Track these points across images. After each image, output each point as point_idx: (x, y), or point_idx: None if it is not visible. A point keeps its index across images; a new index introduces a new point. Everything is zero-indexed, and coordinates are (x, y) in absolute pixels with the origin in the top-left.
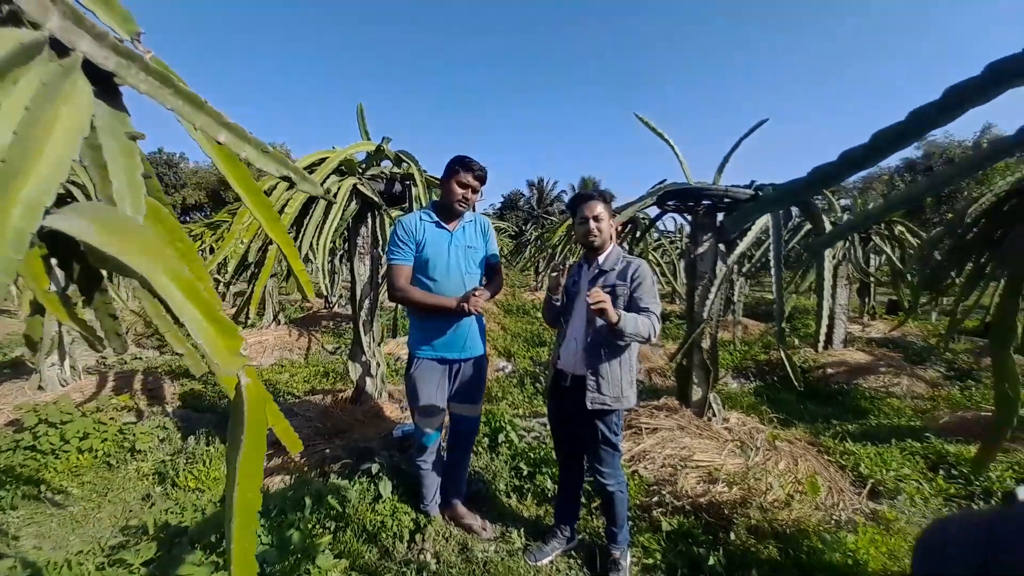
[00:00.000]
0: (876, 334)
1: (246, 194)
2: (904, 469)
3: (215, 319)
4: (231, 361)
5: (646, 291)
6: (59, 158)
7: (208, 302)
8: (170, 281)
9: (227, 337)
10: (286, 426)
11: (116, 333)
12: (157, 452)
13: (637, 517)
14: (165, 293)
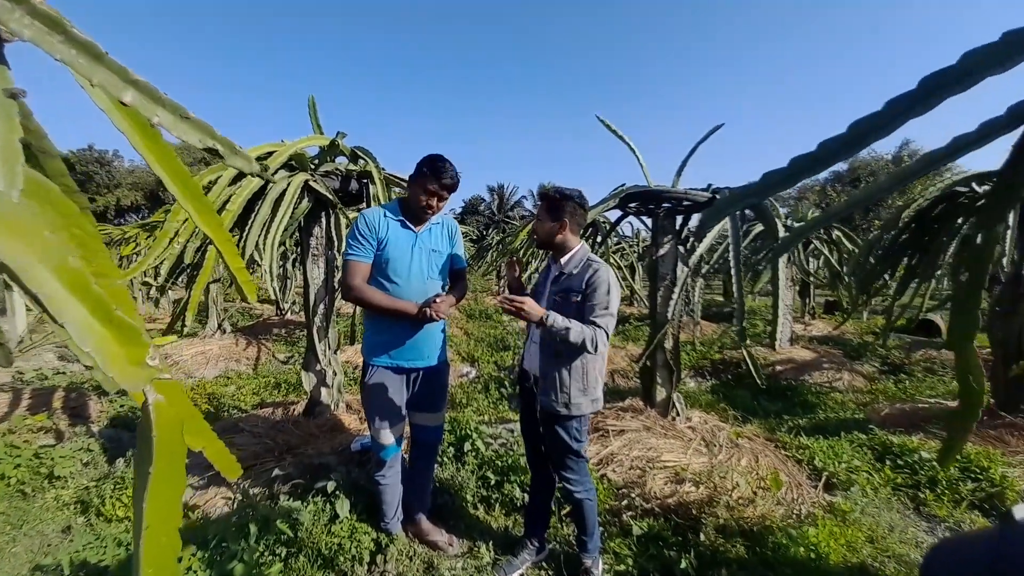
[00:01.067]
0: (817, 332)
1: (173, 180)
2: (855, 461)
3: (112, 321)
4: (133, 375)
5: (598, 301)
6: None
7: (101, 300)
8: (49, 272)
9: (128, 344)
10: (220, 448)
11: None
12: (80, 478)
13: (607, 522)
14: (39, 287)
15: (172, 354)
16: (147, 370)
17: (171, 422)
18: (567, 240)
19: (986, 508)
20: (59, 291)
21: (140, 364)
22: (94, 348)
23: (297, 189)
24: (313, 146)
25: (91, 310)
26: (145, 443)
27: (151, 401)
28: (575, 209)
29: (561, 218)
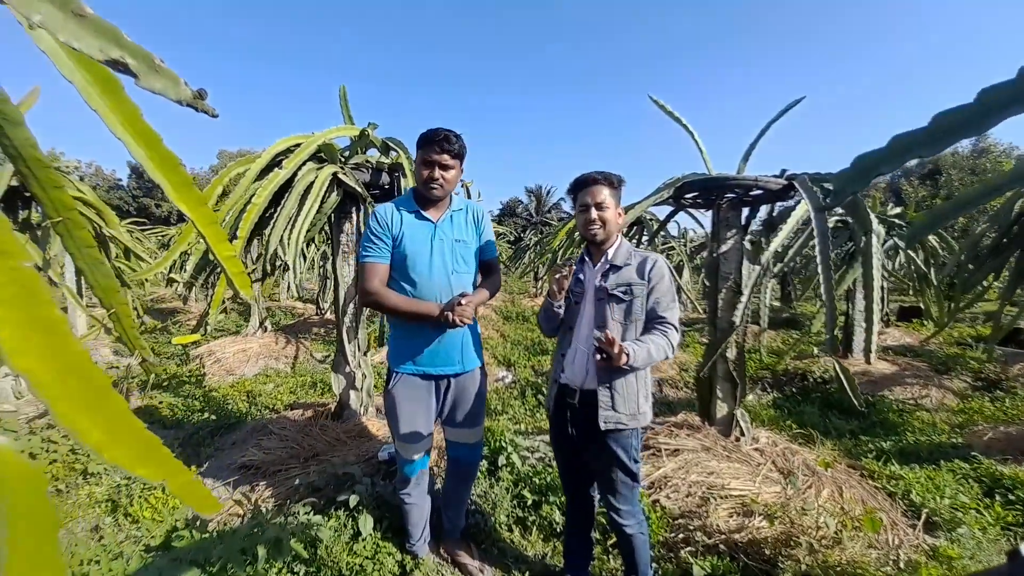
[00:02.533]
0: (892, 342)
1: (140, 145)
2: (960, 495)
3: None
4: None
5: (664, 293)
6: None
7: None
8: None
9: None
10: (186, 480)
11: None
12: (113, 475)
13: (661, 557)
14: None
15: (215, 351)
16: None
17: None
18: (616, 230)
19: None
20: None
21: None
22: None
23: (325, 182)
24: (343, 137)
25: None
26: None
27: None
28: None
29: (620, 205)
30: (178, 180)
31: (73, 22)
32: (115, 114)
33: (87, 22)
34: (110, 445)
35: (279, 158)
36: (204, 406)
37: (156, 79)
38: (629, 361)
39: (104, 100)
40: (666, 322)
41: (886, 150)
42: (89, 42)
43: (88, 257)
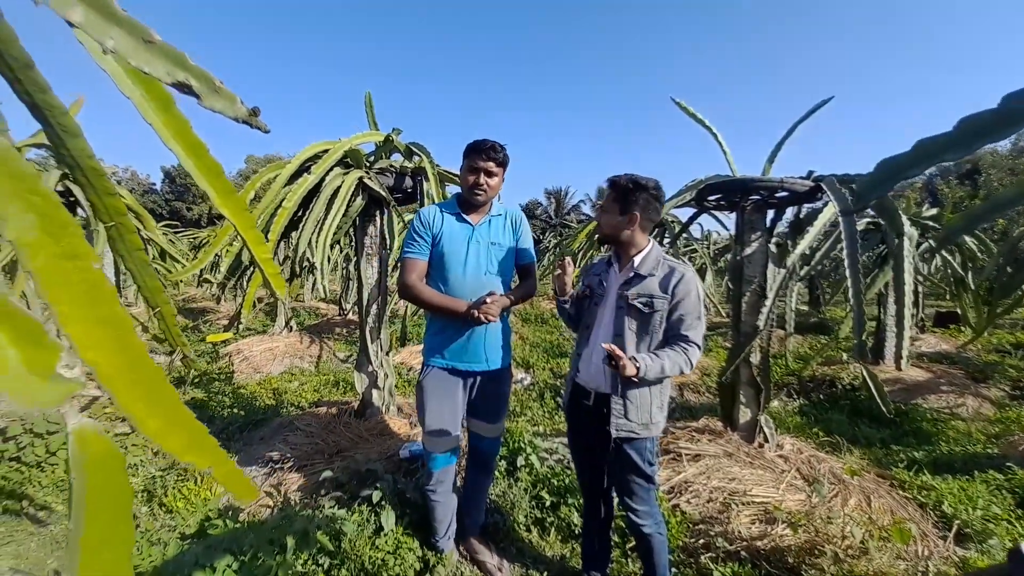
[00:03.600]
0: (928, 348)
1: (188, 154)
2: (992, 507)
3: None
4: (35, 390)
5: (689, 310)
6: None
7: None
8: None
9: (31, 346)
10: (230, 469)
11: None
12: (149, 466)
13: (681, 562)
14: None
15: (243, 350)
16: (60, 385)
17: (106, 457)
18: (635, 237)
19: None
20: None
21: (46, 375)
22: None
23: (351, 187)
24: (368, 143)
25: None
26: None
27: (71, 429)
28: (648, 202)
29: (631, 210)
30: (222, 187)
31: (144, 48)
32: (168, 128)
33: (156, 48)
34: (165, 433)
35: (307, 163)
36: (233, 402)
37: (216, 99)
38: (639, 375)
39: (158, 115)
40: (688, 340)
41: (910, 154)
42: (158, 66)
43: (137, 259)
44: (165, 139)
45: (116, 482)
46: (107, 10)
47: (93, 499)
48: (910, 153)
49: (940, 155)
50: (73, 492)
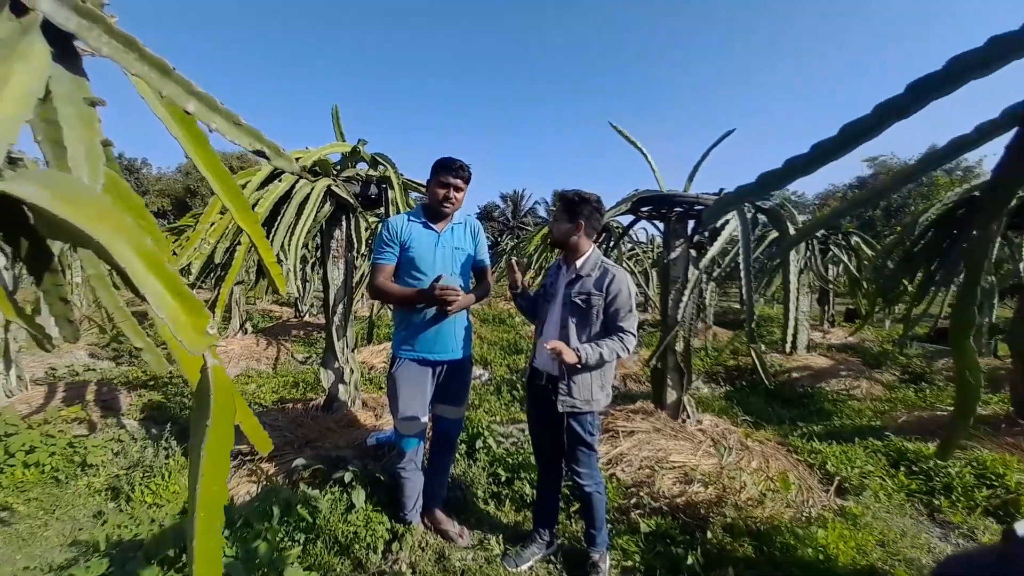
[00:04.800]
0: (835, 340)
1: (216, 180)
2: (868, 466)
3: (180, 294)
4: (197, 340)
5: (622, 305)
6: (10, 118)
7: (173, 276)
8: (132, 252)
9: (194, 314)
10: (255, 423)
11: (67, 319)
12: (110, 466)
13: (616, 520)
14: (126, 264)
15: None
16: (208, 337)
17: (226, 385)
18: (581, 242)
19: (1000, 515)
20: (140, 267)
21: (203, 332)
22: (168, 315)
23: (320, 193)
24: (336, 152)
25: (164, 284)
26: (203, 402)
27: (209, 365)
28: (592, 213)
29: (578, 220)
30: (241, 205)
31: (235, 129)
32: (202, 160)
33: (243, 128)
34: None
35: (277, 171)
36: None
37: (280, 160)
38: (582, 362)
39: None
40: (624, 330)
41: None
42: (244, 140)
43: None
44: (201, 169)
45: (230, 398)
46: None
47: (218, 408)
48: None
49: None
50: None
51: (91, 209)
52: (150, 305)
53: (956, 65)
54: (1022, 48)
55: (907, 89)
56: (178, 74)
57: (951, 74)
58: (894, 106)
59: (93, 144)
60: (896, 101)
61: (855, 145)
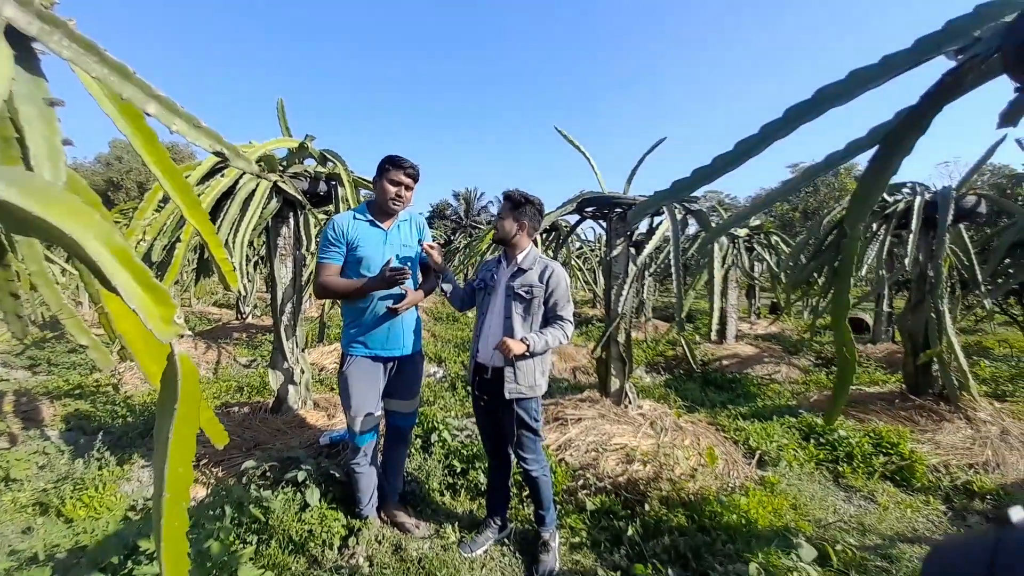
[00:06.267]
0: (761, 331)
1: (165, 176)
2: (783, 440)
3: (149, 286)
4: (166, 329)
5: (560, 296)
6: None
7: (142, 269)
8: (102, 246)
9: (162, 305)
10: (210, 415)
11: (16, 315)
12: (36, 480)
13: (564, 501)
14: (98, 258)
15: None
16: (175, 327)
17: (192, 371)
18: (522, 240)
19: (896, 479)
20: (110, 261)
21: (170, 322)
22: (138, 306)
23: (266, 190)
24: (282, 148)
25: (134, 277)
26: (170, 387)
27: (176, 352)
28: (534, 214)
29: (521, 219)
30: (191, 200)
31: (195, 131)
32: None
33: (202, 130)
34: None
35: (219, 166)
36: (127, 411)
37: (240, 161)
38: (529, 349)
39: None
40: (563, 319)
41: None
42: (204, 141)
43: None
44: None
45: (195, 383)
46: (171, 106)
47: (185, 392)
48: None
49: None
50: (171, 388)
51: (61, 206)
52: (122, 296)
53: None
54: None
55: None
56: (138, 77)
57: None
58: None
59: (54, 142)
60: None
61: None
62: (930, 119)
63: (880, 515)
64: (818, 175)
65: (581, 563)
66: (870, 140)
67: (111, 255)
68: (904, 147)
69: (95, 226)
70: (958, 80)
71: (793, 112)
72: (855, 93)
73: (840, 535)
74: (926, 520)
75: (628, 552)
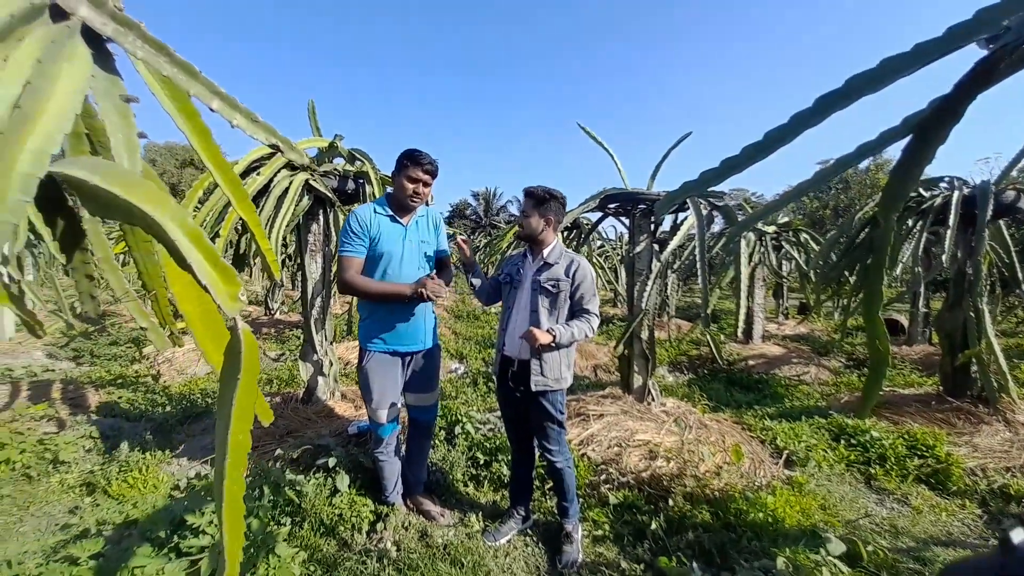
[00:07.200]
0: (789, 332)
1: (218, 171)
2: (812, 440)
3: (218, 265)
4: (232, 305)
5: (587, 290)
6: (63, 111)
7: (211, 249)
8: (177, 228)
9: (229, 283)
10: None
11: (91, 295)
12: (83, 463)
13: (587, 495)
14: (173, 237)
15: (164, 352)
16: (239, 303)
17: (253, 344)
18: (548, 235)
19: (932, 482)
20: (185, 241)
21: (235, 298)
22: (209, 282)
23: (299, 187)
24: (312, 147)
25: (205, 256)
26: (234, 358)
27: (240, 327)
28: (559, 208)
29: (547, 214)
30: (240, 194)
31: (253, 125)
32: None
33: (259, 124)
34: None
35: (255, 165)
36: (165, 400)
37: (292, 153)
38: (555, 340)
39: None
40: (589, 312)
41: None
42: (261, 134)
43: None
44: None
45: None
46: (232, 103)
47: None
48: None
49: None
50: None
51: (143, 191)
52: (195, 273)
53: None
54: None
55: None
56: (203, 76)
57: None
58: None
59: (131, 136)
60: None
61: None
62: (964, 107)
63: (913, 518)
64: (849, 165)
65: (604, 555)
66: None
67: (185, 236)
68: (938, 135)
69: (172, 209)
70: (990, 69)
71: (824, 101)
72: (887, 81)
73: (871, 536)
74: (961, 524)
75: (651, 546)
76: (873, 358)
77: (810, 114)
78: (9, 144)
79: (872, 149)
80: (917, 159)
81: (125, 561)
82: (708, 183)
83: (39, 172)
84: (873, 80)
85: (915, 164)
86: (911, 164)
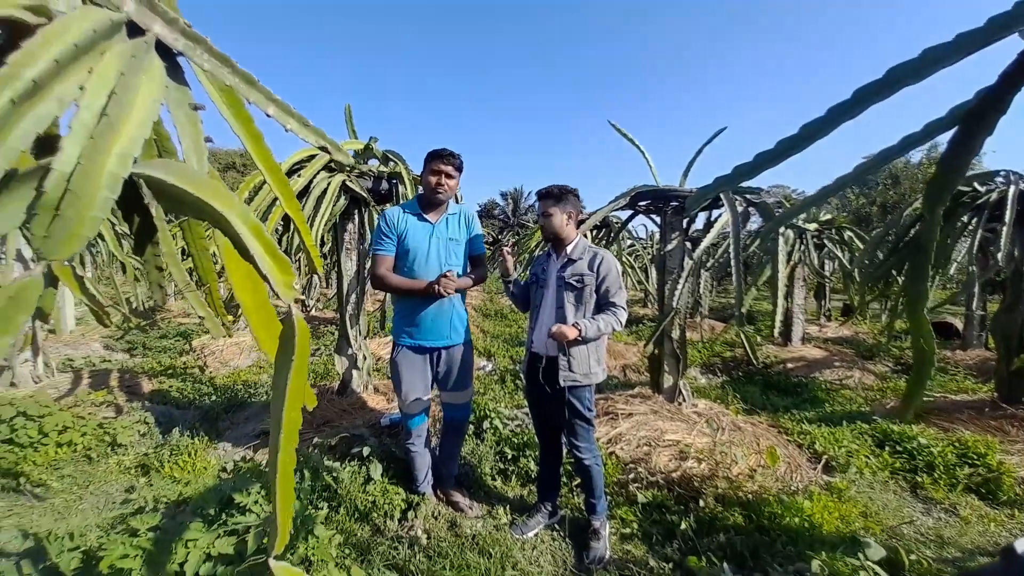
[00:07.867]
0: (831, 334)
1: (268, 172)
2: (854, 445)
3: (275, 256)
4: (287, 293)
5: (612, 282)
6: (143, 119)
7: (270, 242)
8: (241, 222)
9: (284, 273)
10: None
11: (160, 285)
12: (139, 446)
13: (615, 493)
14: (237, 230)
15: (209, 345)
16: (294, 291)
17: (306, 330)
18: (571, 231)
19: (982, 492)
20: (247, 234)
21: (291, 287)
22: (268, 271)
23: (336, 188)
24: (349, 149)
25: (264, 249)
26: (288, 342)
27: (294, 313)
28: (576, 201)
29: (568, 208)
30: (288, 192)
31: (305, 129)
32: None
33: (310, 128)
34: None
35: (295, 167)
36: (211, 390)
37: (339, 154)
38: (581, 335)
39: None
40: (615, 305)
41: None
42: (312, 137)
43: (199, 246)
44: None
45: (308, 340)
46: (287, 108)
47: (300, 347)
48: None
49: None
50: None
51: (211, 189)
52: (256, 263)
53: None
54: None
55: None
56: (261, 84)
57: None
58: (840, 107)
59: (198, 140)
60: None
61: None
62: (1010, 99)
63: (961, 528)
64: (893, 158)
65: (632, 553)
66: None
67: (248, 230)
68: (985, 125)
69: (236, 206)
70: None
71: (862, 92)
72: (927, 72)
73: (915, 546)
74: (1009, 534)
75: (681, 546)
76: (917, 357)
77: (849, 106)
78: (98, 148)
79: (917, 141)
80: (963, 150)
81: (180, 535)
82: (741, 177)
83: (124, 172)
84: (914, 72)
85: (961, 155)
86: (957, 155)
